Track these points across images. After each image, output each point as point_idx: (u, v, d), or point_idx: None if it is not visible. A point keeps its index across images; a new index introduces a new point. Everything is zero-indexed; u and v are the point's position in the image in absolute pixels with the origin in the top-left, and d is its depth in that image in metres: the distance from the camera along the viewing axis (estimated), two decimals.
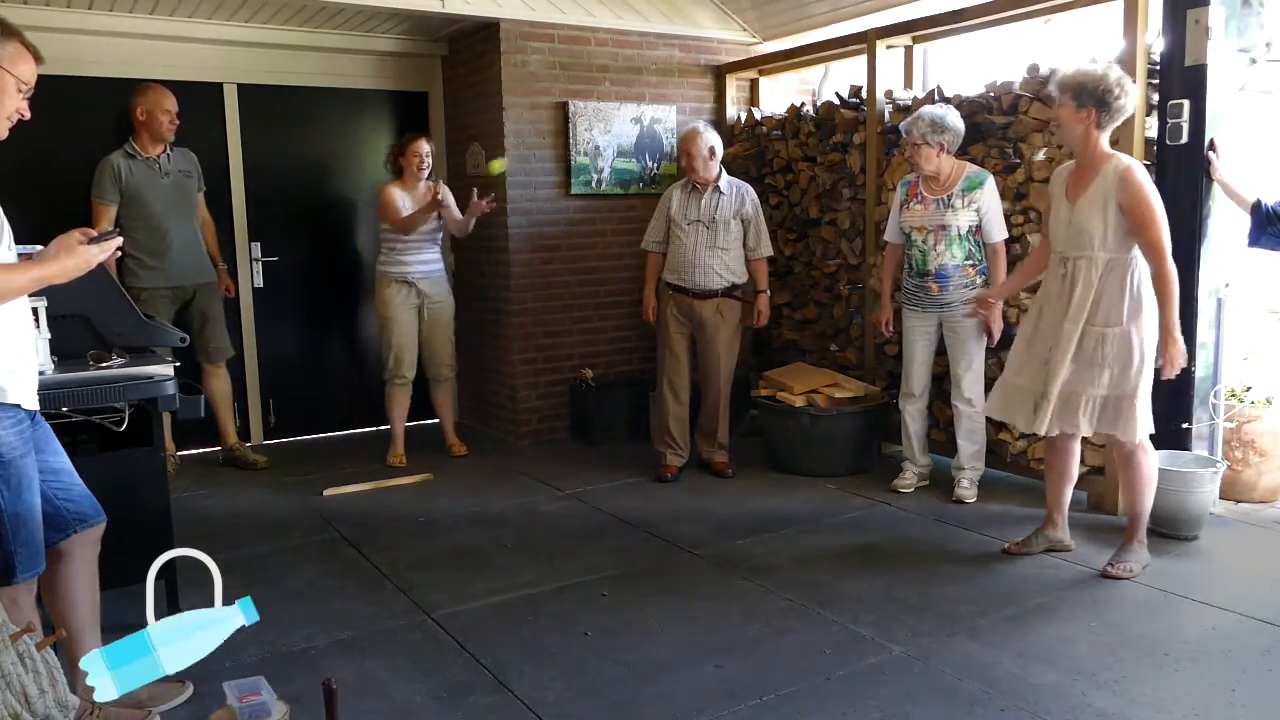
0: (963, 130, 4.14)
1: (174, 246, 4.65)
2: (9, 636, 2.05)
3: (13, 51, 2.18)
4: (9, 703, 1.99)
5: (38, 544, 2.25)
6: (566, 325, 5.59)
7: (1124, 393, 3.25)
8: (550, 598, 3.28)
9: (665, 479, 4.70)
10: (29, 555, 2.22)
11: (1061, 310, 3.31)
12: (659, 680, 2.69)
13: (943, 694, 2.58)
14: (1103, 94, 3.17)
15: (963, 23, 4.58)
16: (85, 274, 2.21)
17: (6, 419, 2.15)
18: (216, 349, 4.90)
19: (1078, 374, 3.29)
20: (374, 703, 2.59)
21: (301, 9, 4.97)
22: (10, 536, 2.19)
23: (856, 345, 5.18)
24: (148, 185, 4.57)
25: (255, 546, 3.84)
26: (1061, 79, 3.26)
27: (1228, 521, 3.91)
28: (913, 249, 4.24)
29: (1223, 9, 3.73)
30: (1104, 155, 3.26)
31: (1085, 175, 3.29)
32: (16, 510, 2.18)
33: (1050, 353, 3.33)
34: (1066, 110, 3.24)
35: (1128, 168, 3.21)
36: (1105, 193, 3.21)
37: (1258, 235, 3.81)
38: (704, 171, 4.54)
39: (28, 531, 2.21)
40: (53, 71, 4.72)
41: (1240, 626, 2.95)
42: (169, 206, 4.62)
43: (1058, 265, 3.36)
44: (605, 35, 5.47)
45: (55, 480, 2.34)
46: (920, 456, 4.46)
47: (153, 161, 4.59)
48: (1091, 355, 3.26)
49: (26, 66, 2.22)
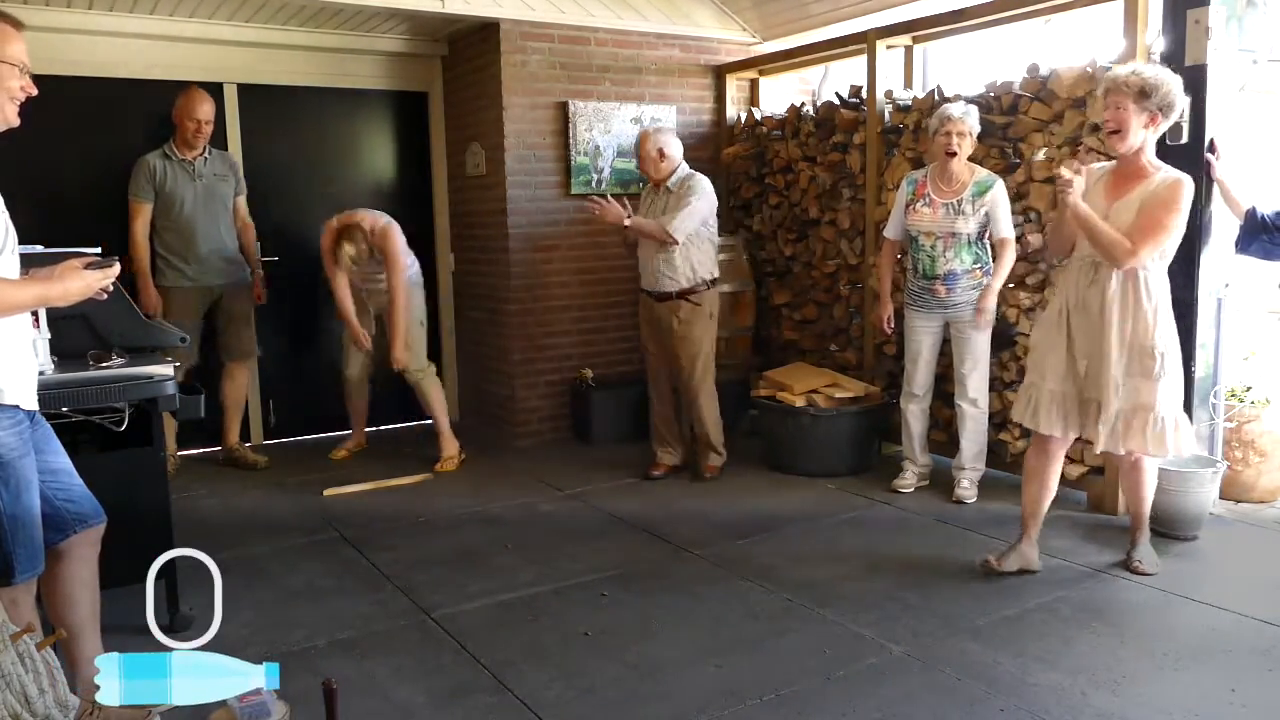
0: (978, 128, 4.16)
1: (201, 248, 4.71)
2: (9, 636, 2.05)
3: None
4: (9, 703, 1.99)
5: (37, 545, 2.25)
6: (566, 325, 5.59)
7: (1144, 403, 3.16)
8: (550, 598, 3.28)
9: (651, 476, 4.73)
10: (28, 556, 2.22)
11: (1099, 317, 3.17)
12: (659, 680, 2.69)
13: (943, 694, 2.58)
14: (1170, 99, 3.05)
15: (963, 23, 4.57)
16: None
17: (5, 419, 2.15)
18: (236, 348, 4.93)
19: (1106, 381, 3.17)
20: (374, 703, 2.59)
21: (301, 9, 4.97)
22: (9, 537, 2.18)
23: (856, 345, 5.18)
24: (179, 187, 4.64)
25: (255, 546, 3.84)
26: (1123, 79, 3.07)
27: (1228, 521, 3.91)
28: (919, 253, 4.22)
29: (1223, 9, 3.73)
30: (1153, 165, 3.14)
31: (1129, 182, 3.16)
32: (15, 511, 2.18)
33: (1092, 361, 3.21)
34: (1126, 112, 3.05)
35: (1180, 179, 3.09)
36: (1144, 200, 3.09)
37: (1248, 242, 3.80)
38: (653, 172, 4.54)
39: (26, 533, 2.21)
40: (52, 71, 4.75)
41: (1240, 626, 2.95)
42: (198, 209, 4.68)
43: (1087, 269, 3.22)
44: (605, 35, 5.47)
45: (55, 480, 2.33)
46: (921, 456, 4.46)
47: (187, 164, 4.67)
48: (1127, 365, 3.17)
49: (14, 46, 2.21)
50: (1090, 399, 3.25)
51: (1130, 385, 3.17)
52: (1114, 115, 3.10)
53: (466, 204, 5.77)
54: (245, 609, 3.17)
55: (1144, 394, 3.16)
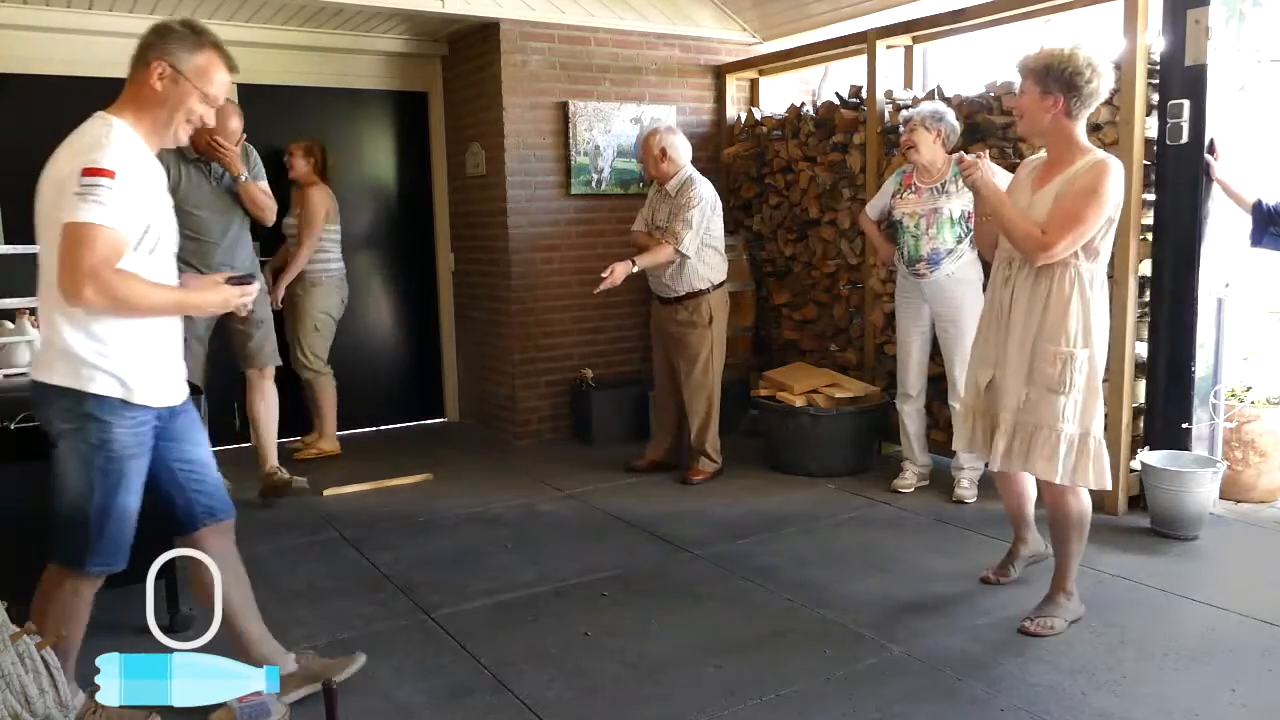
0: (959, 129, 4.15)
1: (218, 251, 4.36)
2: (9, 636, 2.05)
3: (202, 63, 2.23)
4: (9, 703, 1.99)
5: (120, 542, 2.25)
6: (566, 325, 5.59)
7: (1042, 418, 2.83)
8: (550, 598, 3.28)
9: (630, 467, 4.83)
10: (108, 551, 2.24)
11: (1005, 319, 2.90)
12: (659, 680, 2.69)
13: (943, 694, 2.58)
14: (1071, 77, 2.70)
15: (963, 23, 4.58)
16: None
17: (128, 419, 2.20)
18: (258, 350, 4.46)
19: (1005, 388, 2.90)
20: (374, 703, 2.59)
21: (301, 9, 4.97)
22: (94, 526, 2.20)
23: (856, 345, 5.18)
24: (194, 189, 4.31)
25: (255, 546, 3.83)
26: (1023, 62, 2.80)
27: (1228, 521, 3.91)
28: (904, 235, 4.23)
29: (1223, 9, 3.73)
30: (1081, 149, 2.81)
31: (1052, 170, 2.85)
32: (106, 505, 2.21)
33: (997, 369, 2.93)
34: (1029, 98, 2.77)
35: (1103, 160, 2.76)
36: (1062, 187, 2.78)
37: (1260, 235, 3.80)
38: (654, 171, 4.56)
39: (114, 527, 2.23)
40: (51, 71, 4.76)
41: (1240, 626, 2.95)
42: (213, 212, 4.35)
43: (1003, 267, 2.95)
44: (605, 35, 5.47)
45: (191, 470, 2.38)
46: (920, 456, 4.46)
47: (202, 165, 4.35)
48: (1028, 375, 2.85)
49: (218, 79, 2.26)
50: (994, 412, 2.96)
51: (1031, 396, 2.84)
52: (1016, 104, 2.87)
53: (466, 204, 5.78)
54: None
55: (1043, 408, 2.82)
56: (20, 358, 4.24)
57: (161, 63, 2.19)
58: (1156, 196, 3.93)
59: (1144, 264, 3.97)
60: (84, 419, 2.16)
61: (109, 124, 2.17)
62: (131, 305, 2.13)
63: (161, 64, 2.19)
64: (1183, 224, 3.87)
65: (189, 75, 2.20)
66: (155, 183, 2.24)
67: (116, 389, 2.17)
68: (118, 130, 2.16)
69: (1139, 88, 3.80)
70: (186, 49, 2.21)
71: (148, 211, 2.17)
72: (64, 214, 2.05)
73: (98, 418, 2.16)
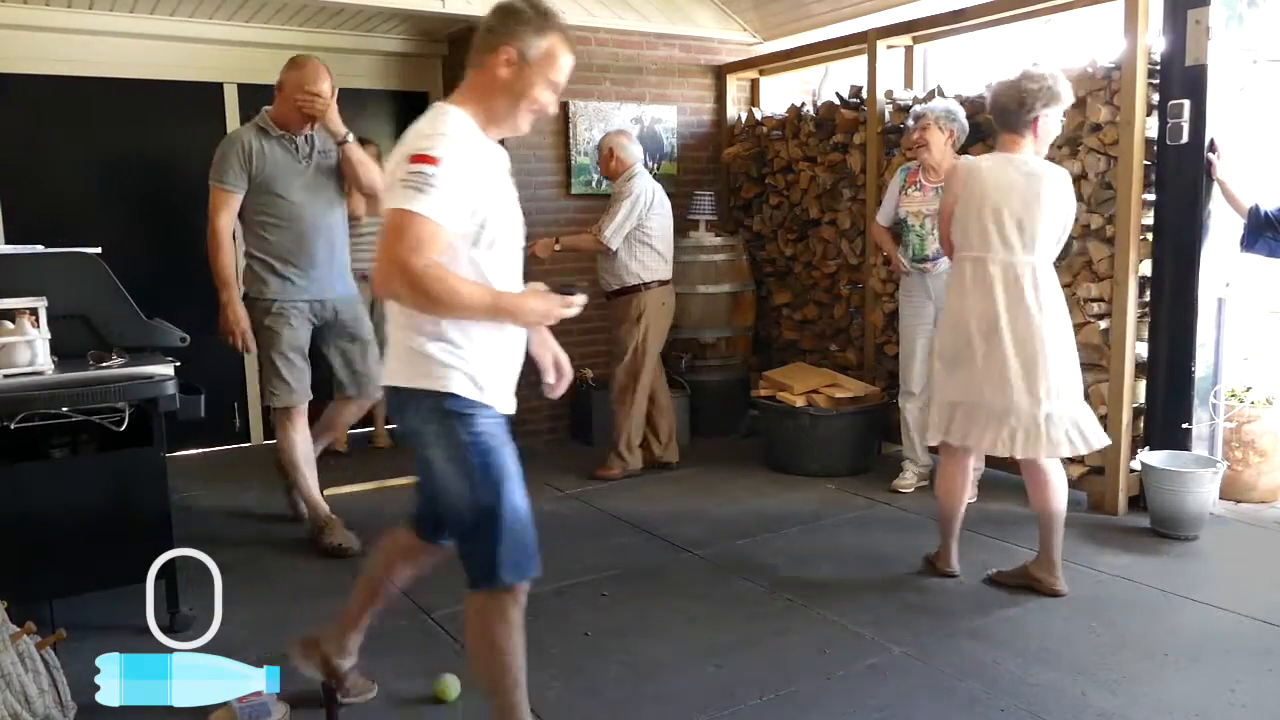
0: (969, 130, 4.15)
1: (317, 250, 3.64)
2: (9, 636, 2.06)
3: (548, 48, 2.06)
4: (9, 703, 1.99)
5: (526, 543, 2.11)
6: (566, 325, 5.50)
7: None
8: (550, 598, 3.28)
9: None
10: (517, 551, 2.09)
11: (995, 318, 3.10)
12: (659, 680, 2.69)
13: (943, 694, 2.58)
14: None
15: (963, 23, 4.58)
16: None
17: (485, 413, 2.11)
18: (365, 376, 3.83)
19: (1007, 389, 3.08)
20: (374, 702, 2.59)
21: (301, 9, 4.97)
22: (489, 530, 2.06)
23: (856, 345, 5.18)
24: (284, 171, 3.58)
25: (255, 546, 3.84)
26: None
27: (1228, 521, 3.91)
28: (910, 235, 4.23)
29: (1223, 9, 3.73)
30: None
31: None
32: (494, 503, 2.07)
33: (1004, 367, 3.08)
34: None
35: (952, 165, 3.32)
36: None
37: (1252, 240, 3.80)
38: (604, 170, 4.71)
39: (512, 526, 2.08)
40: (51, 71, 4.77)
41: (1240, 626, 2.95)
42: (309, 198, 3.61)
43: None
44: (605, 35, 5.47)
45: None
46: (921, 456, 4.46)
47: (287, 140, 3.59)
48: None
49: (562, 63, 2.09)
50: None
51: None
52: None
53: None
54: (245, 609, 3.16)
55: None
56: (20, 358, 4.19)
57: (509, 48, 2.02)
58: (1157, 197, 3.93)
59: (1144, 264, 3.97)
60: (446, 416, 2.06)
61: (444, 112, 2.03)
62: (441, 302, 1.94)
63: (509, 49, 2.02)
64: (1183, 224, 3.87)
65: (535, 61, 2.03)
66: (493, 175, 2.07)
67: (471, 388, 2.07)
68: (453, 119, 2.01)
69: (1139, 88, 3.80)
70: (533, 33, 2.04)
71: (483, 205, 2.00)
72: (388, 200, 1.93)
73: (460, 413, 2.06)
